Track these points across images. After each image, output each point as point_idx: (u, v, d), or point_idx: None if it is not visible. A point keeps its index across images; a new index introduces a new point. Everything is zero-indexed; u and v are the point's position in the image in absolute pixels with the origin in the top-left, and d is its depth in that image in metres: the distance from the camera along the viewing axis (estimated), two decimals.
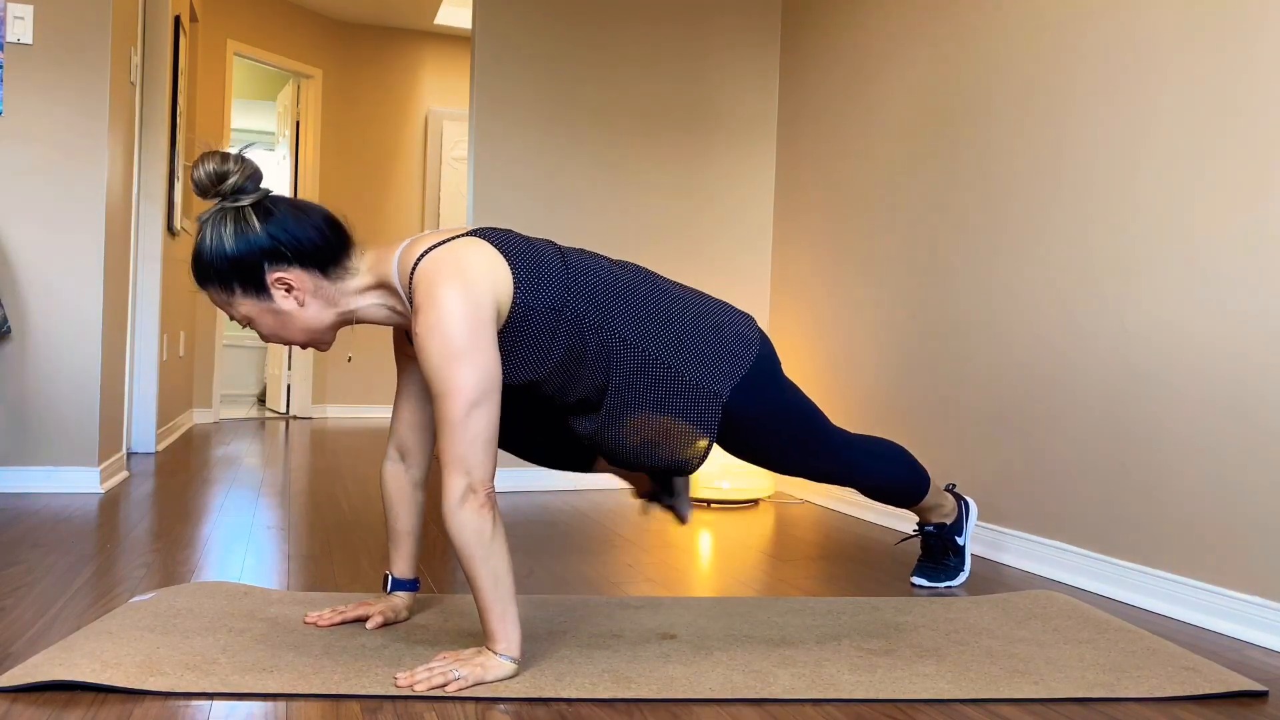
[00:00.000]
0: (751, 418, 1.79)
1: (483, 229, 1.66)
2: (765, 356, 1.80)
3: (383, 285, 1.65)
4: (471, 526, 1.50)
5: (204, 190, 1.58)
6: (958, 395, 2.86)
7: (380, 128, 6.90)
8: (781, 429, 1.85)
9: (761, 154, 3.99)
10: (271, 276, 1.60)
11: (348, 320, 1.68)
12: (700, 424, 1.74)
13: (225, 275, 1.60)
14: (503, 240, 1.64)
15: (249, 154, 1.62)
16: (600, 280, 1.69)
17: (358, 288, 1.66)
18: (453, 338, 1.50)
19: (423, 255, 1.59)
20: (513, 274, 1.60)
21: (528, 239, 1.68)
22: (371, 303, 1.67)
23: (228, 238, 1.58)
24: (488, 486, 1.52)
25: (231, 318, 1.66)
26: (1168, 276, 2.19)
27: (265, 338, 1.68)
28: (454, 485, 1.50)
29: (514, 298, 1.60)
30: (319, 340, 1.69)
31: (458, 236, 1.62)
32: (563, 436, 1.99)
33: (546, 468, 2.08)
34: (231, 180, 1.57)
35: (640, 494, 2.19)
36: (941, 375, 2.94)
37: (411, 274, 1.58)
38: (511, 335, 1.63)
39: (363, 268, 1.66)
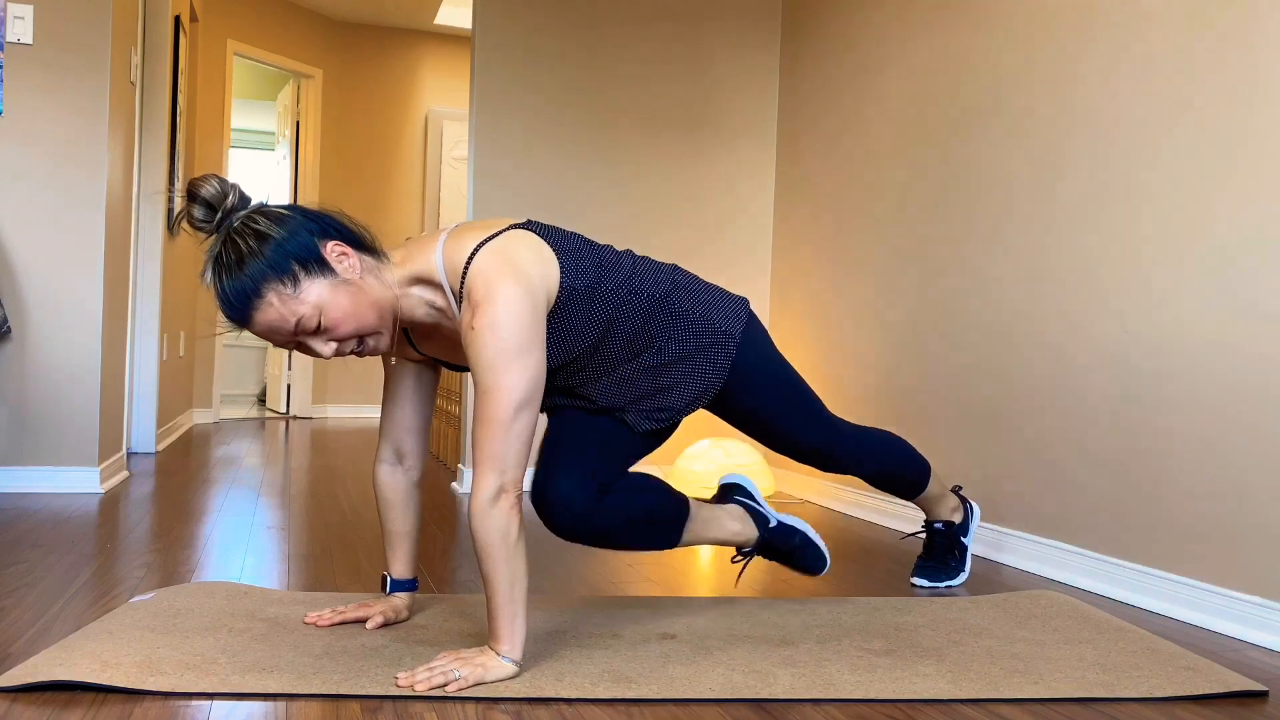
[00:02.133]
0: (754, 373, 1.84)
1: (517, 223, 1.66)
2: (756, 318, 1.90)
3: (422, 280, 1.62)
4: (499, 527, 1.50)
5: (212, 208, 1.52)
6: (958, 394, 2.86)
7: (380, 128, 6.90)
8: (781, 391, 1.89)
9: (762, 153, 3.99)
10: (327, 246, 1.53)
11: (397, 310, 1.61)
12: (715, 368, 1.79)
13: (282, 266, 1.49)
14: (540, 230, 1.67)
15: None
16: (619, 258, 1.75)
17: (398, 280, 1.61)
18: (510, 337, 1.50)
19: (475, 251, 1.57)
20: (558, 261, 1.63)
21: (554, 227, 1.71)
22: (414, 295, 1.63)
23: (270, 230, 1.51)
24: (519, 488, 1.52)
25: (295, 331, 1.51)
26: (1168, 277, 2.19)
27: (338, 325, 1.52)
28: (487, 484, 1.50)
29: (560, 282, 1.63)
30: (387, 322, 1.58)
31: (502, 231, 1.62)
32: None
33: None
34: (231, 197, 1.55)
35: (740, 554, 2.03)
36: (941, 374, 2.94)
37: (465, 270, 1.56)
38: (554, 317, 1.65)
39: (394, 261, 1.62)
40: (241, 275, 1.49)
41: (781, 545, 2.01)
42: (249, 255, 1.49)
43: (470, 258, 1.57)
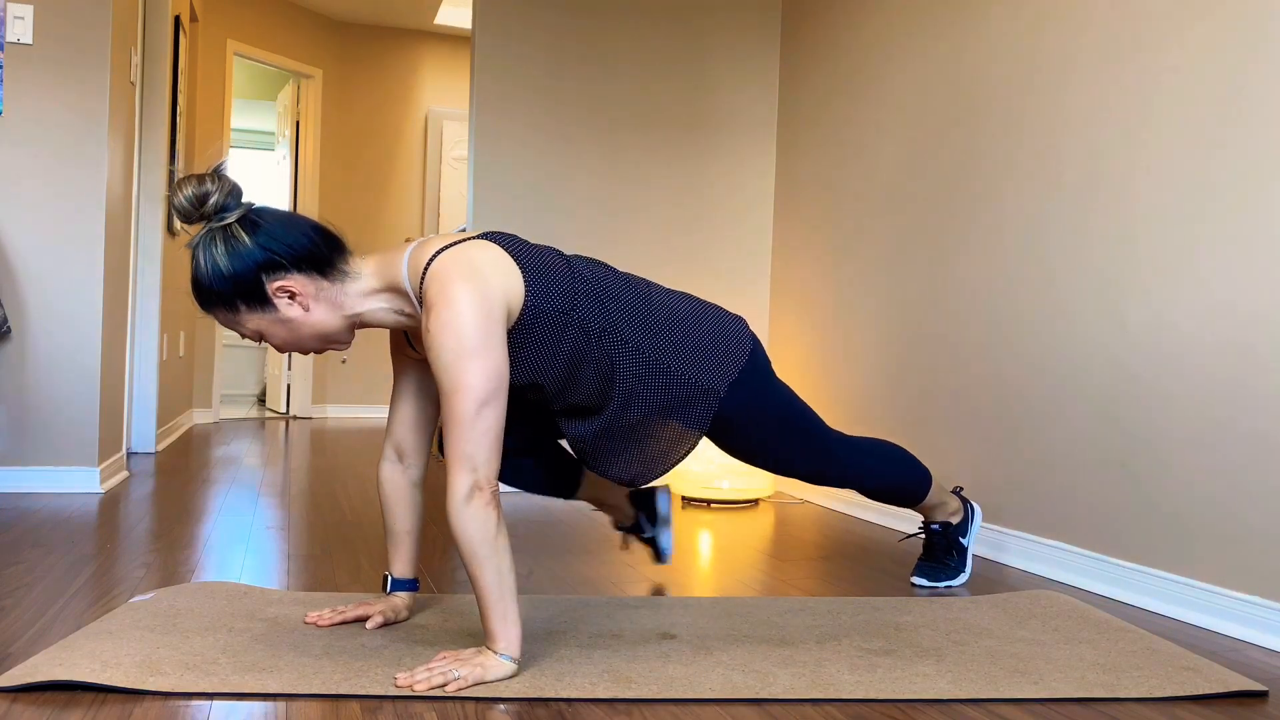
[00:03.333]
0: (748, 413, 1.82)
1: (490, 233, 1.68)
2: (757, 355, 1.85)
3: (390, 289, 1.65)
4: (477, 524, 1.50)
5: (188, 215, 1.58)
6: (957, 396, 2.86)
7: (380, 128, 6.90)
8: (777, 426, 1.87)
9: (761, 154, 3.99)
10: (272, 286, 1.59)
11: (355, 324, 1.68)
12: (695, 421, 1.78)
13: (227, 295, 1.59)
14: (511, 244, 1.67)
15: (225, 169, 1.62)
16: (603, 287, 1.73)
17: (363, 291, 1.66)
18: (465, 335, 1.51)
19: (434, 256, 1.59)
20: (523, 276, 1.63)
21: (533, 244, 1.71)
22: (379, 306, 1.67)
23: (220, 258, 1.57)
24: (493, 484, 1.53)
25: (243, 335, 1.65)
26: (1167, 276, 2.19)
27: (280, 348, 1.67)
28: (460, 482, 1.51)
29: (525, 300, 1.62)
30: (335, 343, 1.69)
31: (466, 239, 1.64)
32: (555, 456, 2.07)
33: (528, 490, 2.09)
34: (213, 200, 1.58)
35: (619, 525, 2.29)
36: (941, 376, 2.94)
37: (423, 274, 1.59)
38: (520, 336, 1.65)
39: (365, 272, 1.66)
40: (198, 289, 1.61)
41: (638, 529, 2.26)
42: (201, 273, 1.60)
43: (429, 262, 1.59)
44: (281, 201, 6.85)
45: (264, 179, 8.63)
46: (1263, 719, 1.50)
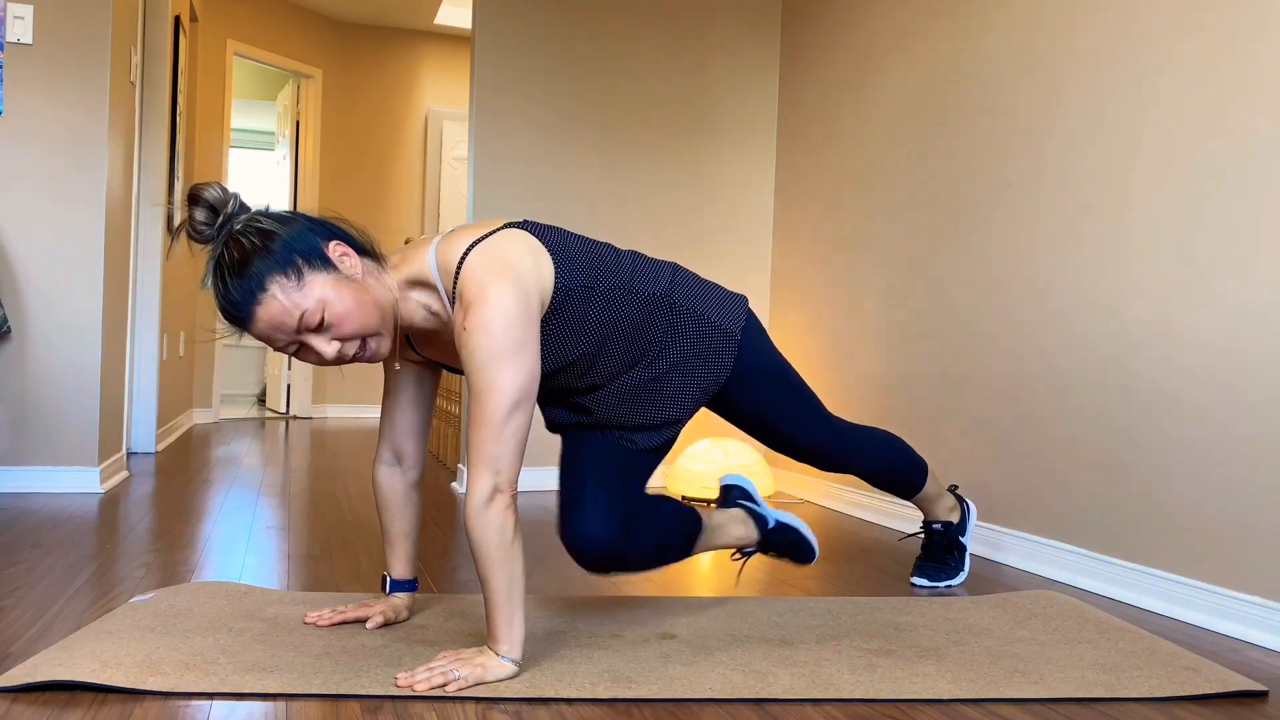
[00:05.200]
0: (755, 368, 1.84)
1: (511, 223, 1.67)
2: (754, 316, 1.90)
3: (418, 283, 1.62)
4: (495, 527, 1.50)
5: (216, 210, 1.53)
6: (957, 392, 2.86)
7: (380, 128, 6.90)
8: (781, 385, 1.89)
9: (762, 150, 3.99)
10: (329, 245, 1.54)
11: (396, 313, 1.61)
12: (718, 367, 1.79)
13: (286, 260, 1.49)
14: (535, 229, 1.66)
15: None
16: (618, 257, 1.74)
17: (396, 284, 1.62)
18: (502, 337, 1.50)
19: (467, 251, 1.57)
20: (552, 260, 1.62)
21: (551, 226, 1.70)
22: (412, 297, 1.63)
23: (274, 227, 1.51)
24: (514, 488, 1.52)
25: (298, 327, 1.50)
26: (1167, 275, 2.19)
27: (341, 324, 1.51)
28: (482, 484, 1.50)
29: (555, 283, 1.62)
30: (389, 324, 1.57)
31: (494, 231, 1.62)
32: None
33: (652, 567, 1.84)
34: (232, 204, 1.55)
35: (745, 551, 2.05)
36: (940, 372, 2.94)
37: (457, 271, 1.56)
38: (549, 320, 1.64)
39: (393, 264, 1.64)
40: (246, 270, 1.48)
41: (779, 542, 2.07)
42: (253, 251, 1.49)
43: (463, 258, 1.56)
44: (281, 202, 6.85)
45: (264, 179, 8.63)
46: (1263, 719, 1.50)
